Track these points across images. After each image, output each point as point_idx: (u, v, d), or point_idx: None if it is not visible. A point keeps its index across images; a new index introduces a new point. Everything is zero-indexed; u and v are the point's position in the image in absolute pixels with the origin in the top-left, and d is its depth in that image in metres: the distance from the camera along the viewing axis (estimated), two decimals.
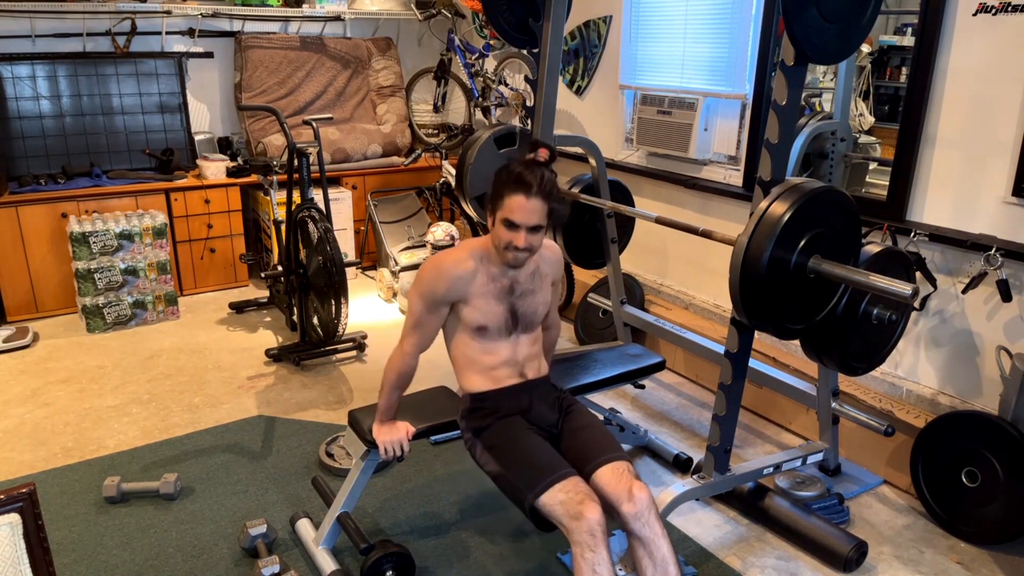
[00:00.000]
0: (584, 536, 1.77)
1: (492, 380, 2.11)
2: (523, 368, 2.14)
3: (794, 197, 2.03)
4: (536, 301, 2.13)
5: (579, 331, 4.16)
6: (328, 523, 2.36)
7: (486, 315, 2.05)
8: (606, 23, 4.31)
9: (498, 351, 2.10)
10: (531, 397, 2.12)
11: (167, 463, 2.94)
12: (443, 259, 2.07)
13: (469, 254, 2.06)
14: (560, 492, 1.83)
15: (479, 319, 2.05)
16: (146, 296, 4.28)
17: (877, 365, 2.41)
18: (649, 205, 4.11)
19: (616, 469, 1.93)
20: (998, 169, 2.63)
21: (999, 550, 2.51)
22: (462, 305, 2.06)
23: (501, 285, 2.06)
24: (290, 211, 3.86)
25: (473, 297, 2.05)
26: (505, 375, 2.11)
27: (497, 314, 2.06)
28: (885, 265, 2.23)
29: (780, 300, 2.09)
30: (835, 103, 2.98)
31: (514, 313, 2.09)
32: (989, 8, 2.58)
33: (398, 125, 5.39)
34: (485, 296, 2.05)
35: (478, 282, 2.04)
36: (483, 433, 2.08)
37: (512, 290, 2.08)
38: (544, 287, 2.16)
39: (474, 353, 2.11)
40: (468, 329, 2.08)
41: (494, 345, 2.10)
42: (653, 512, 1.89)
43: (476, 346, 2.10)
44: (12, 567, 1.35)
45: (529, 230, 1.95)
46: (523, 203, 1.92)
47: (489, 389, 2.11)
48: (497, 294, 2.06)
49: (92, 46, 4.60)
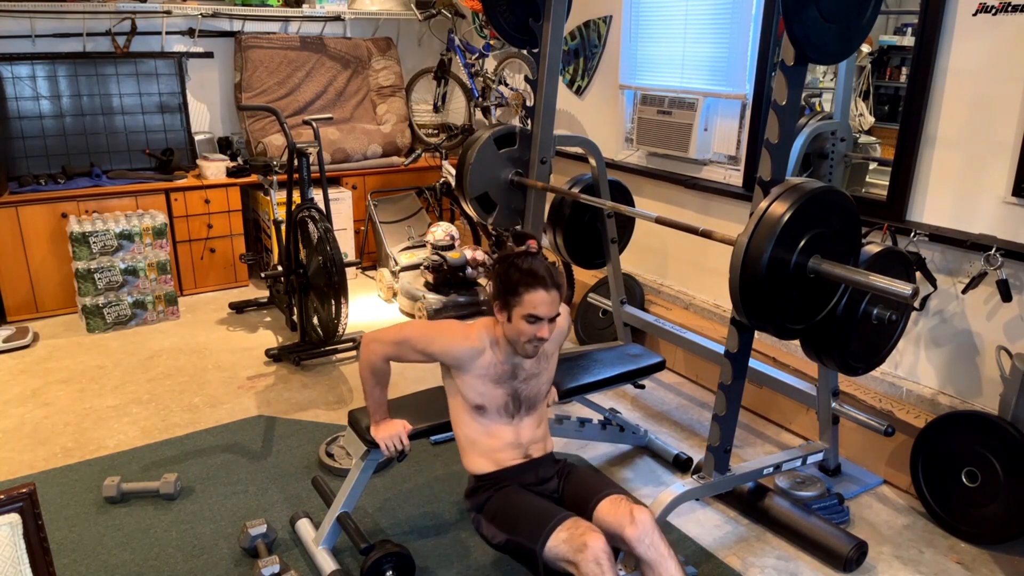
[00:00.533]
0: (591, 567, 1.76)
1: (495, 463, 2.08)
2: (528, 450, 2.10)
3: (794, 197, 2.03)
4: (540, 382, 2.12)
5: (579, 331, 4.16)
6: (328, 523, 2.36)
7: (483, 396, 2.04)
8: (606, 23, 4.31)
9: (500, 434, 2.08)
10: (536, 473, 2.10)
11: (167, 463, 2.94)
12: (457, 328, 2.07)
13: (484, 332, 2.05)
14: (563, 532, 1.84)
15: (476, 399, 2.05)
16: (146, 296, 4.28)
17: (877, 365, 2.41)
18: (649, 205, 4.11)
19: (615, 500, 1.95)
20: (998, 169, 2.63)
21: (999, 550, 2.52)
22: (459, 374, 2.05)
23: (502, 370, 2.04)
24: (290, 211, 3.86)
25: (472, 373, 2.03)
26: (508, 457, 2.08)
27: (496, 396, 2.05)
28: (885, 265, 2.23)
29: (780, 300, 2.09)
30: (835, 103, 2.99)
31: (516, 397, 2.07)
32: (989, 8, 2.58)
33: (398, 125, 5.39)
34: (483, 378, 2.03)
35: (481, 362, 2.03)
36: (485, 507, 2.06)
37: (515, 375, 2.06)
38: (550, 366, 2.17)
39: (476, 435, 2.09)
40: (468, 407, 2.07)
41: (496, 427, 2.08)
42: (657, 533, 1.88)
43: (478, 427, 2.08)
44: (12, 567, 1.35)
45: (550, 320, 1.96)
46: (544, 297, 1.92)
47: (492, 471, 2.08)
48: (496, 378, 2.04)
49: (92, 46, 4.60)
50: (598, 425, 2.93)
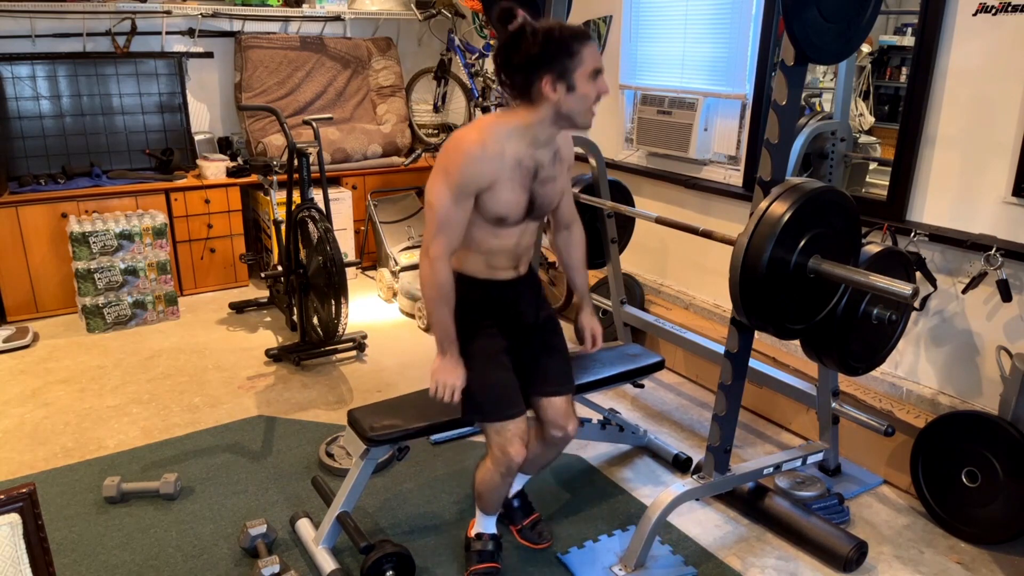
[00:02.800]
0: (502, 469, 2.10)
1: (489, 268, 2.08)
2: (519, 261, 2.11)
3: (794, 197, 2.03)
4: (556, 188, 2.05)
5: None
6: (328, 523, 2.36)
7: (508, 205, 1.93)
8: (606, 23, 4.30)
9: (506, 236, 2.02)
10: (518, 292, 2.15)
11: (167, 463, 2.94)
12: (468, 139, 1.88)
13: (490, 135, 1.88)
14: (503, 429, 2.07)
15: (500, 209, 1.93)
16: (146, 296, 4.28)
17: (877, 365, 2.41)
18: (649, 205, 4.11)
19: (566, 406, 2.20)
20: (998, 169, 2.63)
21: (999, 550, 2.52)
22: (485, 193, 1.90)
23: (527, 168, 1.93)
24: (290, 211, 3.86)
25: (500, 182, 1.89)
26: (502, 265, 2.08)
27: (519, 204, 1.95)
28: (886, 265, 2.23)
29: (780, 300, 2.09)
30: (835, 103, 2.99)
31: (532, 201, 1.98)
32: (989, 8, 2.58)
33: (398, 125, 5.39)
34: (512, 181, 1.90)
35: (507, 165, 1.89)
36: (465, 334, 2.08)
37: (536, 175, 1.95)
38: (563, 173, 2.09)
39: (484, 235, 2.00)
40: (481, 219, 1.96)
41: (505, 231, 2.00)
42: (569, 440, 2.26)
43: (488, 229, 1.99)
44: (12, 567, 1.35)
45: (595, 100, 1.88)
46: (595, 49, 1.81)
47: (483, 278, 2.09)
48: (522, 180, 1.93)
49: (92, 46, 4.60)
50: (597, 425, 2.93)
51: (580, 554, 2.43)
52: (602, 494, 2.78)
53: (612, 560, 2.40)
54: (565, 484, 2.84)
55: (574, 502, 2.73)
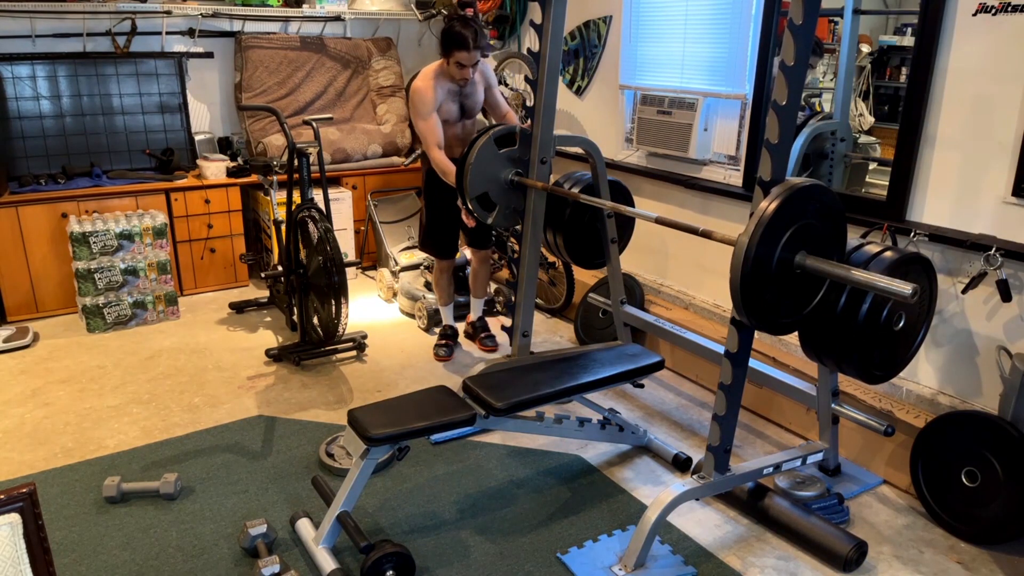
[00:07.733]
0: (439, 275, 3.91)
1: (449, 149, 3.52)
2: (464, 144, 3.33)
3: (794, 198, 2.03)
4: (476, 98, 3.59)
5: (579, 331, 4.16)
6: (328, 522, 2.36)
7: (448, 111, 3.49)
8: (606, 23, 4.31)
9: (454, 130, 3.58)
10: None
11: (167, 463, 2.94)
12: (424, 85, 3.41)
13: (435, 78, 3.43)
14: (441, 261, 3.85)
15: (443, 115, 3.48)
16: (146, 296, 4.28)
17: (897, 373, 2.40)
18: (649, 205, 4.11)
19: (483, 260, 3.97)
20: (998, 169, 2.63)
21: (999, 550, 2.52)
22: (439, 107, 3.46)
23: (453, 90, 3.49)
24: (290, 211, 3.86)
25: (442, 100, 3.45)
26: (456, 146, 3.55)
27: (453, 110, 3.52)
28: (906, 272, 2.21)
29: (780, 300, 2.09)
30: (835, 103, 2.99)
31: (463, 106, 3.55)
32: (989, 8, 2.58)
33: (398, 125, 5.39)
34: (447, 99, 3.48)
35: (443, 91, 3.45)
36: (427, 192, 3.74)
37: (460, 92, 3.52)
38: (479, 88, 3.58)
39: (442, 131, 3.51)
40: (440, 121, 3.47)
41: (452, 128, 3.56)
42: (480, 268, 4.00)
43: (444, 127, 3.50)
44: (12, 567, 1.35)
45: (472, 66, 3.38)
46: (466, 56, 3.32)
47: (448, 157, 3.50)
48: (452, 97, 3.50)
49: (92, 46, 4.60)
50: (597, 425, 2.92)
51: (580, 554, 2.44)
52: (602, 494, 2.78)
53: (612, 560, 2.40)
54: (565, 484, 2.84)
55: (574, 502, 2.73)
